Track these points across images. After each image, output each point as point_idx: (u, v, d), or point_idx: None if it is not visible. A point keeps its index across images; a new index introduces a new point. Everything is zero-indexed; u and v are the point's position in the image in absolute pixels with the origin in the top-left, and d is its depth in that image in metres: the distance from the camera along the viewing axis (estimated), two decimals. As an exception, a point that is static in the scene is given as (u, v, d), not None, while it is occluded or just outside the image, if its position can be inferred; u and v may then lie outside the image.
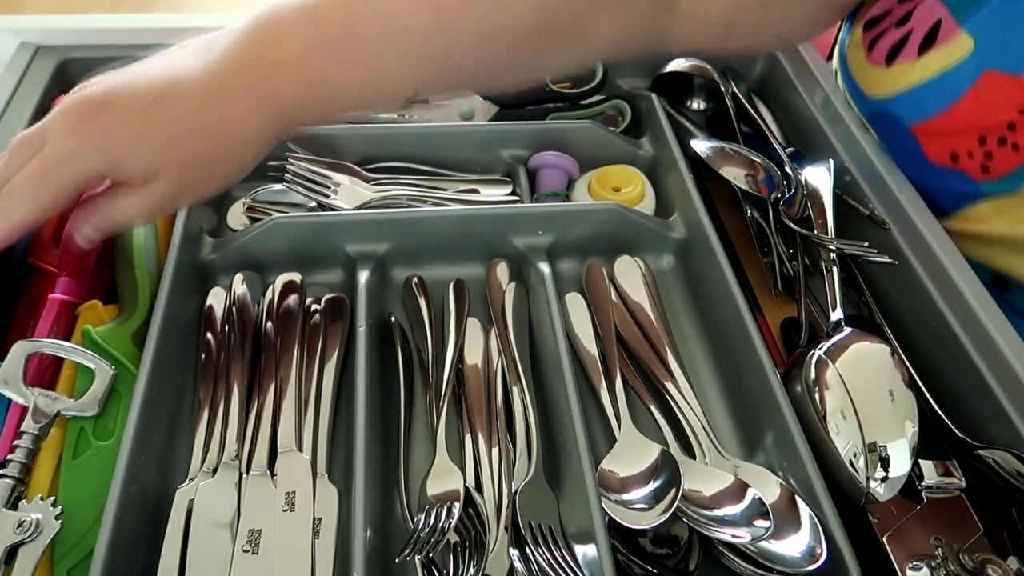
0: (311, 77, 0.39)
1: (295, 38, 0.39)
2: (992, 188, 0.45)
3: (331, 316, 0.47)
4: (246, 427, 0.42)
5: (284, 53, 0.38)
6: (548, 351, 0.46)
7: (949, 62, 0.43)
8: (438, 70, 0.42)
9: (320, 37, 0.39)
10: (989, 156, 0.44)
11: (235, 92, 0.38)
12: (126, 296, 0.45)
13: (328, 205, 0.53)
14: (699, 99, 0.67)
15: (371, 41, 0.39)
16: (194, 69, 0.38)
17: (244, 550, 0.37)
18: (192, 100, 0.38)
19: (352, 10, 0.39)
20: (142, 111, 0.37)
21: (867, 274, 0.52)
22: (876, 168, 0.52)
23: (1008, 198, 0.44)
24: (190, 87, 0.38)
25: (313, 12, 0.39)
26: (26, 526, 0.35)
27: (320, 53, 0.39)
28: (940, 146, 0.46)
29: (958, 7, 0.43)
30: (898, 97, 0.46)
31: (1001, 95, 0.42)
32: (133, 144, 0.37)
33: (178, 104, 0.37)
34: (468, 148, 0.58)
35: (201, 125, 0.38)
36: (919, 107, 0.46)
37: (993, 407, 0.41)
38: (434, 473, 0.41)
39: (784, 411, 0.41)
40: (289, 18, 0.39)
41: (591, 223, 0.52)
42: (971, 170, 0.45)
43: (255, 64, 0.38)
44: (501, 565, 0.37)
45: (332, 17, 0.39)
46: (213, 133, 0.38)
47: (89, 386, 0.40)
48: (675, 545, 0.39)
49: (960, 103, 0.43)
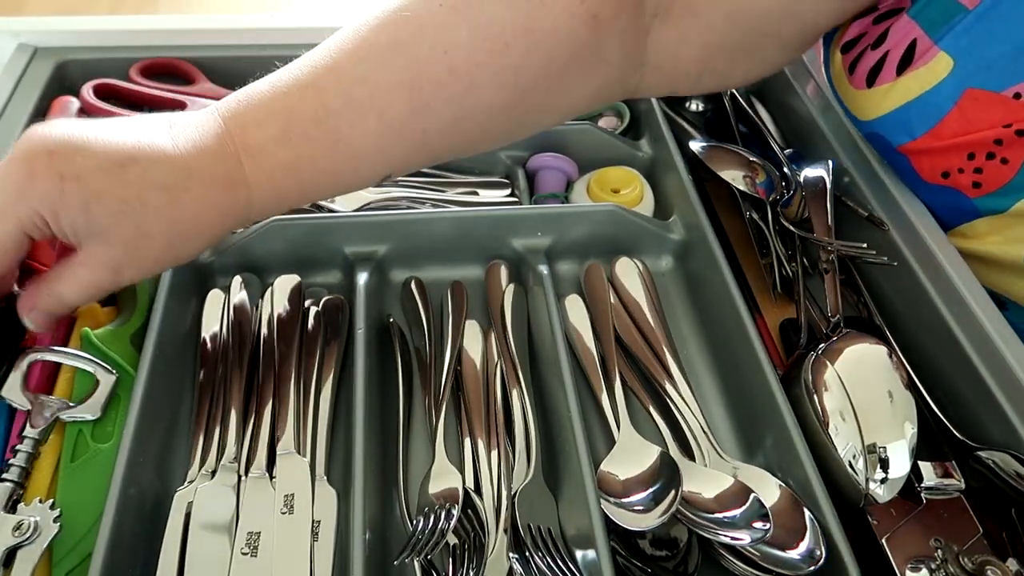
0: (284, 165, 0.37)
1: (268, 126, 0.37)
2: (985, 204, 0.45)
3: (330, 318, 0.47)
4: (245, 429, 0.42)
5: (257, 140, 0.37)
6: (547, 353, 0.46)
7: (930, 82, 0.43)
8: (413, 151, 0.41)
9: (292, 124, 0.37)
10: (979, 171, 0.44)
11: (208, 177, 0.36)
12: (124, 298, 0.45)
13: (326, 207, 0.53)
14: (698, 100, 0.67)
15: (345, 127, 0.38)
16: (167, 143, 0.36)
17: (243, 553, 0.37)
18: (166, 173, 0.35)
19: (325, 96, 0.37)
20: (113, 167, 0.34)
21: (866, 275, 0.52)
22: (875, 169, 0.52)
23: (1001, 217, 0.45)
24: (166, 159, 0.35)
25: (285, 97, 0.37)
26: (24, 528, 0.35)
27: (293, 141, 0.37)
28: (930, 164, 0.46)
29: (931, 26, 0.43)
30: (883, 119, 0.47)
31: (984, 112, 0.42)
32: (94, 198, 0.34)
33: (152, 172, 0.35)
34: (467, 149, 0.58)
35: (170, 200, 0.35)
36: (905, 128, 0.46)
37: (992, 408, 0.41)
38: (433, 475, 0.41)
39: (783, 413, 0.41)
40: (262, 104, 0.37)
41: (590, 224, 0.52)
42: (963, 187, 0.45)
43: (227, 151, 0.36)
44: (500, 568, 0.37)
45: (305, 103, 0.37)
46: (179, 213, 0.36)
47: (88, 390, 0.40)
48: (674, 547, 0.39)
49: (945, 122, 0.44)
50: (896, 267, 0.49)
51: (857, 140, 0.54)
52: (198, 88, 0.58)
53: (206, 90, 0.58)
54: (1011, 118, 0.41)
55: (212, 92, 0.58)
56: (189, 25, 0.61)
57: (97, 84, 0.55)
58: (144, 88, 0.56)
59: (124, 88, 0.56)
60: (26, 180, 0.34)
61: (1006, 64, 0.41)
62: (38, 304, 0.37)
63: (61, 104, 0.53)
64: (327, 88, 0.38)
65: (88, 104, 0.53)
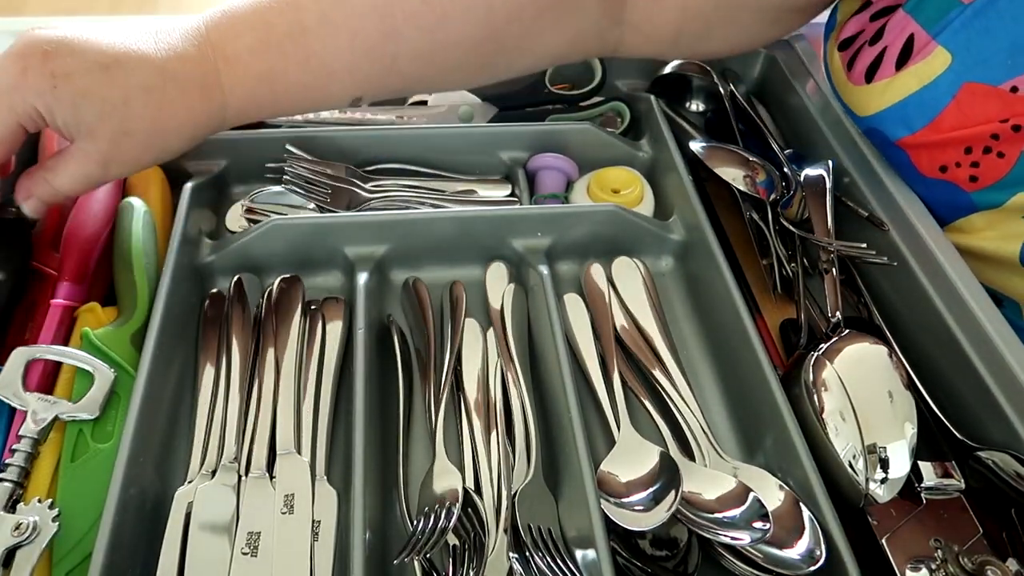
0: (258, 75, 0.41)
1: (245, 36, 0.40)
2: (982, 199, 0.45)
3: (330, 318, 0.47)
4: (245, 429, 0.42)
5: (234, 50, 0.40)
6: (547, 353, 0.46)
7: (929, 76, 0.44)
8: (384, 75, 0.43)
9: (270, 37, 0.40)
10: (976, 165, 0.44)
11: (185, 81, 0.40)
12: (125, 298, 0.45)
13: (326, 208, 0.53)
14: (698, 101, 0.67)
15: (318, 44, 0.41)
16: (151, 48, 0.39)
17: (243, 553, 0.37)
18: (148, 75, 0.39)
19: (302, 13, 0.41)
20: (99, 69, 0.38)
21: (866, 275, 0.52)
22: (875, 169, 0.52)
23: (998, 211, 0.45)
24: (147, 63, 0.39)
25: (264, 12, 0.41)
26: (23, 528, 0.35)
27: (268, 52, 0.41)
28: (929, 158, 0.47)
29: (928, 21, 0.44)
30: (882, 114, 0.47)
31: (981, 107, 0.43)
32: (81, 96, 0.37)
33: (135, 75, 0.38)
34: (467, 150, 0.58)
35: (150, 101, 0.39)
36: (904, 122, 0.46)
37: (992, 408, 0.41)
38: (433, 474, 0.41)
39: (783, 413, 0.41)
40: (242, 16, 0.41)
41: (590, 225, 0.52)
42: (960, 180, 0.45)
43: (206, 58, 0.40)
44: (500, 568, 0.37)
45: (282, 19, 0.41)
46: (158, 113, 0.39)
47: (88, 389, 0.40)
48: (674, 547, 0.39)
49: (943, 116, 0.44)
50: (896, 267, 0.49)
51: (857, 140, 0.54)
52: (198, 88, 0.58)
53: (206, 90, 0.58)
54: (1008, 112, 0.42)
55: (212, 92, 0.58)
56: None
57: (97, 84, 0.55)
58: (144, 88, 0.56)
59: (124, 88, 0.56)
60: (20, 75, 0.37)
61: (1003, 59, 0.41)
62: (34, 192, 0.41)
63: (61, 104, 0.53)
64: (305, 6, 0.41)
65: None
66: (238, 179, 0.56)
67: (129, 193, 0.50)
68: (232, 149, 0.55)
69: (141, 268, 0.45)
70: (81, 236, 0.46)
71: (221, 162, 0.55)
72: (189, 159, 0.54)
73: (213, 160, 0.55)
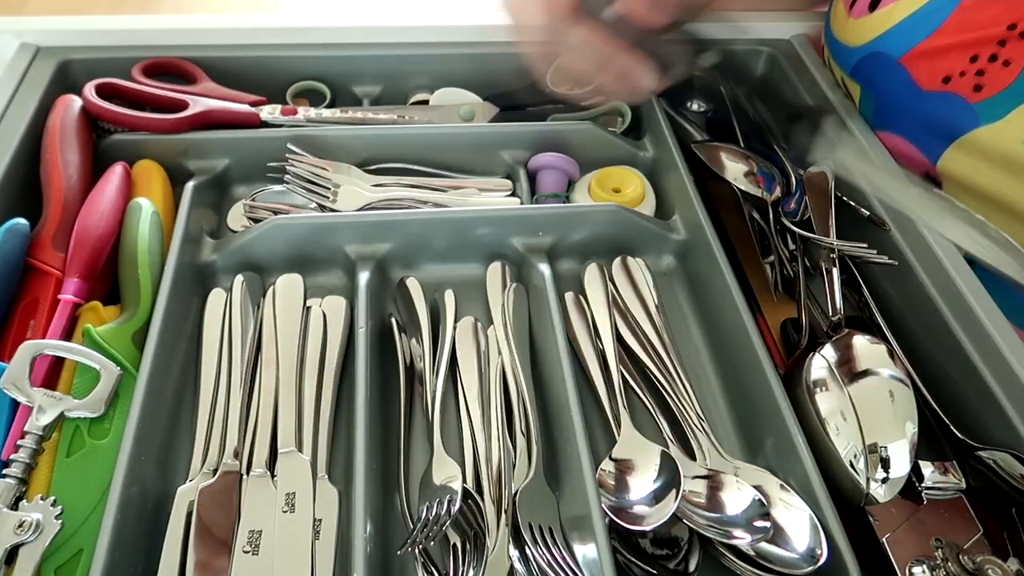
0: None
1: None
2: (985, 110, 0.45)
3: (331, 317, 0.47)
4: (246, 428, 0.42)
5: None
6: (548, 352, 0.46)
7: None
8: None
9: None
10: (981, 73, 0.44)
11: None
12: (128, 297, 0.45)
13: (328, 207, 0.53)
14: (699, 100, 0.67)
15: None
16: None
17: (244, 551, 0.37)
18: None
19: None
20: None
21: (867, 275, 0.52)
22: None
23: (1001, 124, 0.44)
24: None
25: None
26: (26, 526, 0.35)
27: None
28: (931, 70, 0.47)
29: None
30: (885, 35, 0.47)
31: (987, 11, 0.43)
32: None
33: None
34: (468, 150, 0.58)
35: None
36: (908, 37, 0.46)
37: (993, 408, 0.41)
38: (433, 469, 0.41)
39: (784, 412, 0.41)
40: None
41: (591, 224, 0.52)
42: (964, 90, 0.45)
43: None
44: (501, 566, 0.37)
45: None
46: None
47: (87, 386, 0.40)
48: (675, 546, 0.39)
49: (948, 22, 0.44)
50: (897, 267, 0.49)
51: (857, 140, 0.54)
52: (200, 87, 0.58)
53: (208, 89, 0.58)
54: (1015, 17, 0.42)
55: (214, 91, 0.58)
56: (190, 25, 0.61)
57: (99, 83, 0.55)
58: (146, 87, 0.56)
59: (126, 87, 0.56)
60: None
61: None
62: None
63: (64, 103, 0.53)
64: None
65: (90, 103, 0.53)
66: (240, 178, 0.56)
67: (132, 191, 0.51)
68: (234, 148, 0.55)
69: (146, 268, 0.45)
70: (92, 234, 0.46)
71: (223, 161, 0.55)
72: (191, 158, 0.54)
73: (215, 159, 0.55)
